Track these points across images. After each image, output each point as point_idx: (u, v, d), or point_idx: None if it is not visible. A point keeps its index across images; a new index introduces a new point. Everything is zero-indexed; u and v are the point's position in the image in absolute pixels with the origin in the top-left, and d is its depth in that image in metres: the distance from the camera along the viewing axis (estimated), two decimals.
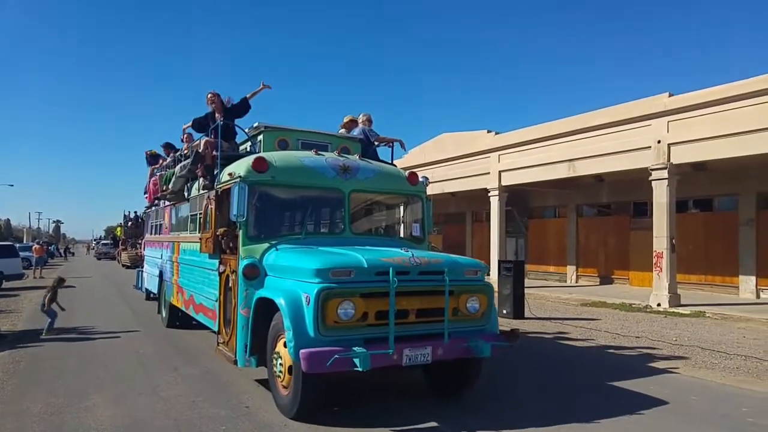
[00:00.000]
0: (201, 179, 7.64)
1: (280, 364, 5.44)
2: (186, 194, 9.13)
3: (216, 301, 7.08)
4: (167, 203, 10.96)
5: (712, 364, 8.18)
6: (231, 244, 6.75)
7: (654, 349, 9.32)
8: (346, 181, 6.79)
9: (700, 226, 18.46)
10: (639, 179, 16.27)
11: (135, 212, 41.36)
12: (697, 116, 13.77)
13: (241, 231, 6.29)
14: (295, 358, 4.89)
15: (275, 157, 6.61)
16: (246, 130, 7.88)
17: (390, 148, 8.45)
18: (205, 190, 7.58)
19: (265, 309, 5.74)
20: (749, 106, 12.64)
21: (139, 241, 32.14)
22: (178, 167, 9.13)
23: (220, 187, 7.00)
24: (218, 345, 6.96)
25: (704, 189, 17.86)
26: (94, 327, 11.05)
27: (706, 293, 17.94)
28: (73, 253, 73.76)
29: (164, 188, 10.12)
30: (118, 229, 44.32)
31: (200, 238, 7.59)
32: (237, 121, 8.05)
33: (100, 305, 14.89)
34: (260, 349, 5.88)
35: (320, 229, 7.17)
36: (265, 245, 6.27)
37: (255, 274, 6.15)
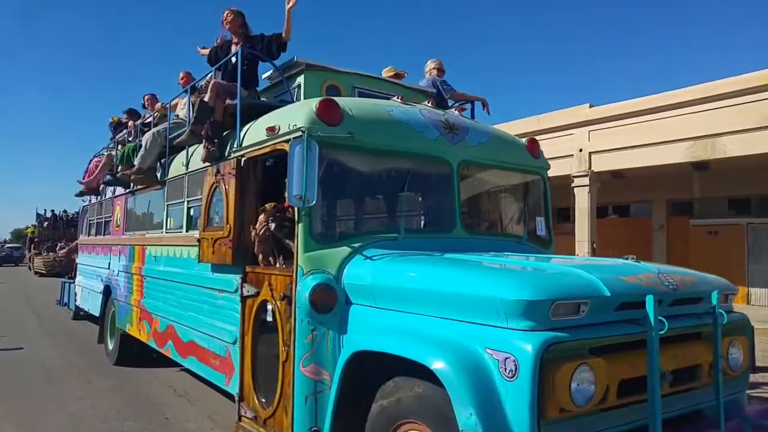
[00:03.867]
0: (204, 146, 4.76)
1: None
2: (159, 175, 6.17)
3: (233, 343, 4.26)
4: (119, 192, 7.87)
5: None
6: (271, 249, 3.99)
7: None
8: (454, 147, 4.19)
9: (619, 230, 18.97)
10: (561, 186, 15.47)
11: (52, 211, 36.75)
12: (615, 126, 14.79)
13: (301, 226, 3.55)
14: None
15: (349, 103, 3.90)
16: (273, 71, 5.07)
17: (468, 110, 5.84)
18: (209, 163, 4.74)
19: (360, 369, 3.09)
20: (661, 119, 13.62)
21: (63, 244, 27.95)
22: (148, 136, 6.16)
23: (247, 155, 4.21)
24: (241, 420, 4.13)
25: (622, 196, 18.67)
26: None
27: None
28: None
29: (120, 169, 7.07)
30: (30, 229, 39.04)
31: (198, 239, 4.74)
32: None
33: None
34: None
35: (414, 224, 4.47)
36: (344, 251, 3.58)
37: (331, 302, 3.45)
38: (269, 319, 3.86)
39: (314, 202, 3.44)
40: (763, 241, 16.32)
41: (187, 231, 5.35)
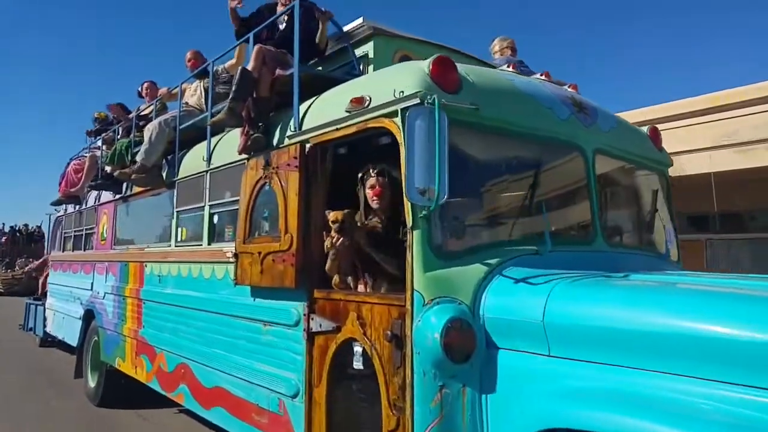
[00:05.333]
0: (243, 132, 3.61)
1: None
2: (165, 175, 4.98)
3: (294, 396, 3.11)
4: (106, 198, 6.60)
5: None
6: (352, 266, 2.89)
7: None
8: (586, 130, 3.20)
9: None
10: None
11: (12, 226, 34.30)
12: None
13: (417, 234, 2.46)
14: None
15: (464, 69, 2.83)
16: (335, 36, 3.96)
17: None
18: (251, 154, 3.60)
19: None
20: None
21: (24, 260, 25.86)
22: (152, 126, 4.97)
23: (314, 139, 3.11)
24: None
25: None
26: None
27: None
28: None
29: (110, 169, 5.84)
30: None
31: (235, 254, 3.58)
32: None
33: None
34: None
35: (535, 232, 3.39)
36: (479, 271, 2.50)
37: (470, 346, 2.36)
38: (358, 366, 2.74)
39: (445, 198, 2.35)
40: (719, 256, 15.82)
41: (209, 244, 4.17)
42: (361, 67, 3.67)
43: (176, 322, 4.52)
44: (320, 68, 3.90)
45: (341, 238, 2.91)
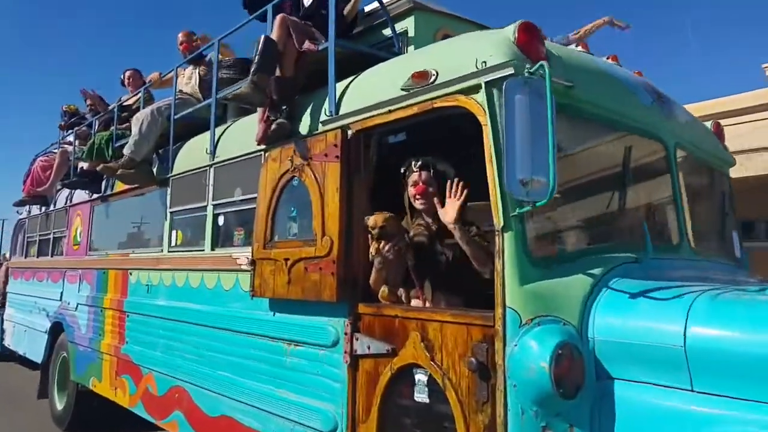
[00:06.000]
0: (262, 118, 3.08)
1: None
2: (155, 170, 4.38)
3: None
4: (79, 198, 5.92)
5: None
6: (402, 277, 2.41)
7: None
8: (668, 121, 2.80)
9: None
10: None
11: None
12: None
13: (509, 238, 1.98)
14: None
15: (549, 45, 2.37)
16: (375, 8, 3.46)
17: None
18: (273, 143, 3.06)
19: None
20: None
21: None
22: (143, 115, 4.37)
23: (357, 125, 2.61)
24: None
25: None
26: None
27: None
28: None
29: (90, 165, 5.20)
30: None
31: (252, 260, 3.04)
32: None
33: None
34: None
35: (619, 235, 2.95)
36: (583, 283, 2.03)
37: (581, 377, 1.89)
38: (422, 398, 2.24)
39: (549, 196, 1.89)
40: None
41: (212, 249, 3.61)
42: (401, 45, 3.18)
43: (170, 338, 3.93)
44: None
45: (389, 244, 2.41)
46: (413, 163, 2.58)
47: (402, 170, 2.66)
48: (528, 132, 1.89)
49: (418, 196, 2.56)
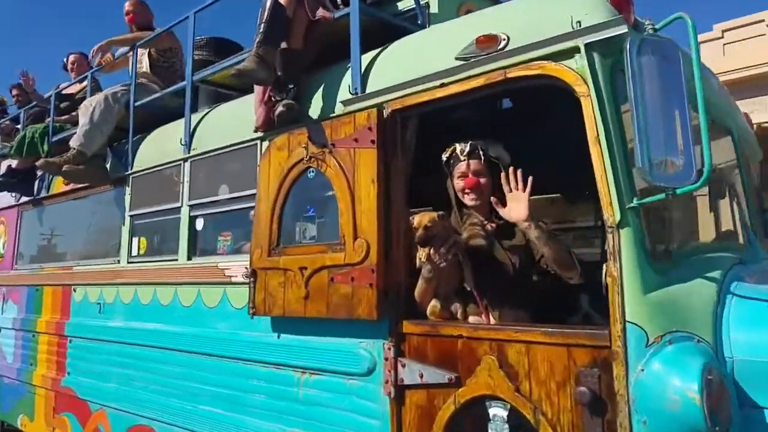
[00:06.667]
0: (263, 100, 2.55)
1: None
2: (109, 167, 3.70)
3: None
4: (4, 202, 5.06)
5: None
6: (455, 286, 1.97)
7: None
8: (730, 107, 2.56)
9: None
10: None
11: None
12: None
13: (626, 235, 1.59)
14: None
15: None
16: None
17: None
18: (279, 128, 2.53)
19: None
20: None
21: None
22: (95, 101, 3.69)
23: (394, 103, 2.14)
24: None
25: None
26: None
27: None
28: None
29: (21, 163, 4.41)
30: None
31: (252, 271, 2.48)
32: None
33: None
34: None
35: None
36: (708, 288, 1.67)
37: (728, 408, 1.50)
38: None
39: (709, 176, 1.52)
40: None
41: (189, 258, 3.01)
42: (423, 17, 2.74)
43: (130, 367, 3.27)
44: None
45: (441, 249, 1.97)
46: (459, 149, 2.15)
47: (444, 158, 2.23)
48: (661, 103, 1.51)
49: (467, 190, 2.14)
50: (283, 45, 2.48)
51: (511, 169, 1.97)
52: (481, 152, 2.13)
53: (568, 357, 1.67)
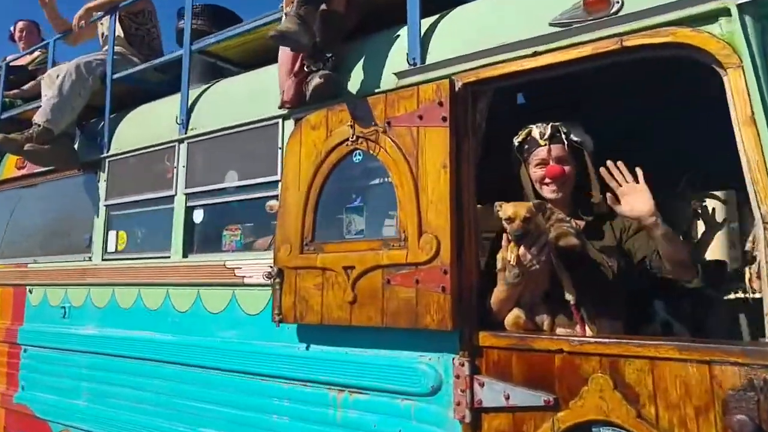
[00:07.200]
0: (293, 72, 2.17)
1: None
2: (78, 148, 3.19)
3: None
4: None
5: None
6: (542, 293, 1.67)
7: None
8: None
9: None
10: None
11: None
12: None
13: None
14: None
15: None
16: None
17: None
18: (312, 104, 2.15)
19: None
20: None
21: None
22: (62, 71, 3.16)
23: (474, 75, 1.82)
24: None
25: None
26: None
27: None
28: None
29: None
30: None
31: (278, 271, 2.09)
32: None
33: None
34: None
35: None
36: None
37: None
38: None
39: None
40: None
41: (185, 256, 2.58)
42: None
43: (104, 381, 2.79)
44: None
45: (534, 247, 1.66)
46: (538, 132, 1.86)
47: (517, 142, 1.93)
48: None
49: (548, 181, 1.84)
50: (323, 6, 2.11)
51: (609, 163, 1.69)
52: (563, 135, 1.84)
53: (709, 377, 1.40)
